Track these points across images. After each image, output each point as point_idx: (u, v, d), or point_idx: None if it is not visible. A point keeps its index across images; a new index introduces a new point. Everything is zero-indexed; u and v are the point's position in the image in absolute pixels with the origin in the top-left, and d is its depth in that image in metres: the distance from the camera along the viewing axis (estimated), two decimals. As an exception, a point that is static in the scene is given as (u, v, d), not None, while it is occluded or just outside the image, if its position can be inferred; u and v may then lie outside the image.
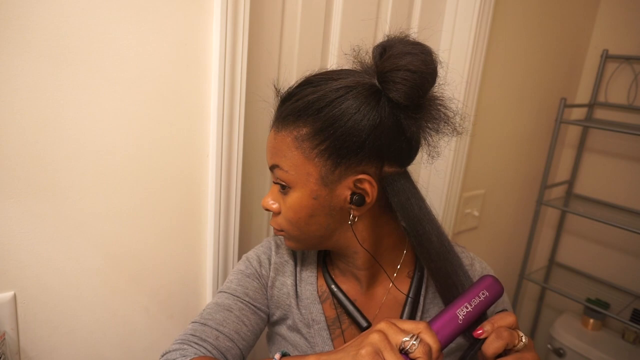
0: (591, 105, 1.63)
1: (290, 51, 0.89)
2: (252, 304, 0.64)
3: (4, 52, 0.55)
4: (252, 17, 0.76)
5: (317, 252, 0.69)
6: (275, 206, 0.61)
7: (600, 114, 1.65)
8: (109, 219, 0.70)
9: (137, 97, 0.67)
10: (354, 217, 0.58)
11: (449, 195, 1.23)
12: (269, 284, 0.66)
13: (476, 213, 1.38)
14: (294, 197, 0.57)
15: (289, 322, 0.65)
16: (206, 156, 0.78)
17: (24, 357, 0.67)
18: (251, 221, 0.94)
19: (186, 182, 0.77)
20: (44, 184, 0.62)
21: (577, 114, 1.65)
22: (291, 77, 0.89)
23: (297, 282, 0.67)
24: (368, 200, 0.56)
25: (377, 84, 0.54)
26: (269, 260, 0.68)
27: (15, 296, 0.64)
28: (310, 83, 0.56)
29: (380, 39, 1.01)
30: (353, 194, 0.56)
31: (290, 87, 0.58)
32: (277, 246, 0.69)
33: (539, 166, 1.61)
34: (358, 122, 0.52)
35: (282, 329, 0.66)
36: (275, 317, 0.67)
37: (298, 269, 0.68)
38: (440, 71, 0.54)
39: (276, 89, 0.61)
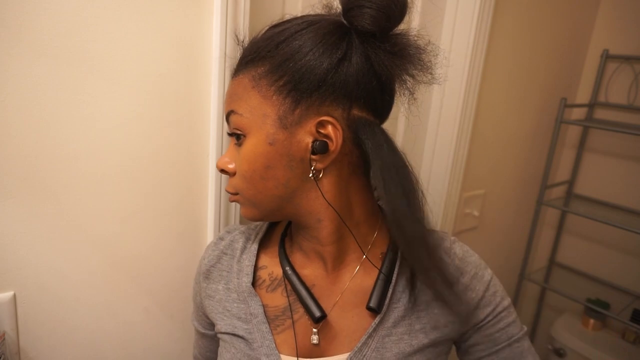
0: (591, 105, 1.63)
1: (290, 51, 0.88)
2: (206, 334, 0.69)
3: (3, 52, 0.55)
4: (252, 17, 0.76)
5: (264, 233, 0.65)
6: (231, 166, 0.55)
7: (600, 114, 1.65)
8: (109, 218, 0.70)
9: (137, 97, 0.67)
10: (316, 169, 0.51)
11: (449, 195, 1.23)
12: (203, 296, 0.64)
13: (476, 213, 1.38)
14: (248, 144, 0.52)
15: (229, 325, 0.60)
16: (206, 156, 0.78)
17: (24, 357, 0.67)
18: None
19: (186, 182, 0.77)
20: (44, 184, 0.62)
21: (577, 114, 1.65)
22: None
23: (233, 278, 0.62)
24: (332, 147, 0.50)
25: (342, 19, 0.50)
26: (199, 272, 0.66)
27: (15, 296, 0.64)
28: (273, 26, 0.53)
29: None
30: (315, 141, 0.50)
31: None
32: (208, 247, 0.67)
33: (539, 166, 1.61)
34: (320, 55, 0.48)
35: (225, 335, 0.61)
36: (217, 327, 0.62)
37: (235, 263, 0.62)
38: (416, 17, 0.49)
39: (238, 39, 0.57)
